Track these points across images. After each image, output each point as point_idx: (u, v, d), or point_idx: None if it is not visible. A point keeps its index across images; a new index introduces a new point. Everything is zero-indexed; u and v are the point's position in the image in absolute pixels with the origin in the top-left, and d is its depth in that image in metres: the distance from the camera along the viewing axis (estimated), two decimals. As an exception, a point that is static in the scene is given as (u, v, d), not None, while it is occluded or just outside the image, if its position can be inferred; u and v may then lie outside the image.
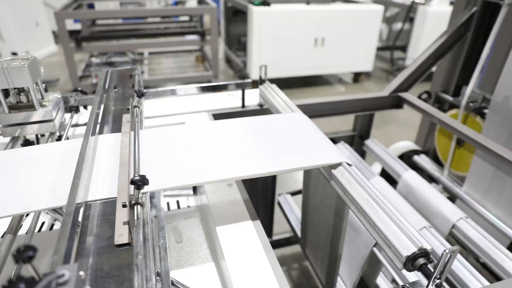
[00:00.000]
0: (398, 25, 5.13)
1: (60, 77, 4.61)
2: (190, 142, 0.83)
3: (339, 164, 0.77)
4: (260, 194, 1.56)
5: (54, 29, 5.84)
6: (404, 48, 5.10)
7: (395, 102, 1.54)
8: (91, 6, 5.38)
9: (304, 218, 1.19)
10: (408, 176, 1.42)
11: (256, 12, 3.75)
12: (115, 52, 4.49)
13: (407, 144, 1.84)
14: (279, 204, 1.74)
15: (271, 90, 1.16)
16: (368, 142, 1.67)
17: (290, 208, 1.67)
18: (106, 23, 5.37)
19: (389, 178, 1.56)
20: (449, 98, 1.77)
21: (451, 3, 4.32)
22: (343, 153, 0.81)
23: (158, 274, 0.60)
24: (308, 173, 1.07)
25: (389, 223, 0.63)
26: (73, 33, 4.48)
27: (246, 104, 1.28)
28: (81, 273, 0.37)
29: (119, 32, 4.73)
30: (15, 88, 0.92)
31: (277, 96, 1.12)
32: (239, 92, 1.33)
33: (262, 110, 1.28)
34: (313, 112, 1.36)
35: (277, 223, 1.81)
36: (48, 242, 0.86)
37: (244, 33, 4.34)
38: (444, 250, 0.51)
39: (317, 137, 0.88)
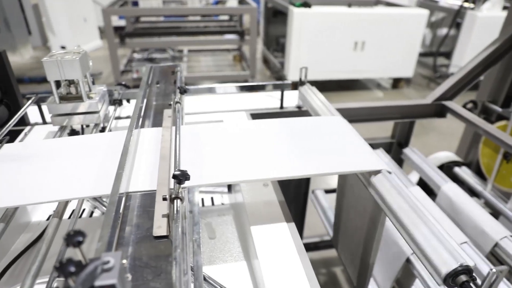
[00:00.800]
0: (443, 31, 4.94)
1: (103, 71, 4.80)
2: (228, 140, 0.84)
3: (379, 171, 0.75)
4: (292, 193, 1.55)
5: (100, 25, 6.10)
6: (448, 55, 4.91)
7: (438, 110, 1.48)
8: (135, 3, 5.56)
9: (337, 219, 1.17)
10: (449, 188, 1.37)
11: (297, 14, 3.73)
12: (156, 49, 4.61)
13: (447, 155, 1.77)
14: (312, 200, 1.72)
15: (310, 92, 1.15)
16: (406, 150, 1.62)
17: (323, 205, 1.64)
18: (149, 20, 5.52)
19: (427, 188, 1.51)
20: (498, 109, 1.68)
21: (505, 7, 4.10)
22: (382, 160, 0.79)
23: (191, 269, 0.61)
24: (343, 177, 1.05)
25: (428, 235, 0.61)
26: (117, 29, 4.65)
27: (284, 105, 1.28)
28: (124, 261, 0.38)
29: (160, 30, 4.85)
30: (66, 80, 0.97)
31: (316, 98, 1.11)
32: (278, 93, 1.33)
33: (300, 112, 1.27)
34: (351, 116, 1.34)
35: (306, 226, 1.79)
36: (88, 228, 0.89)
37: (283, 34, 4.33)
38: (491, 269, 0.48)
39: (356, 142, 0.86)
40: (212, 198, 1.00)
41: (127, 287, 0.40)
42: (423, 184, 1.60)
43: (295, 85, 1.28)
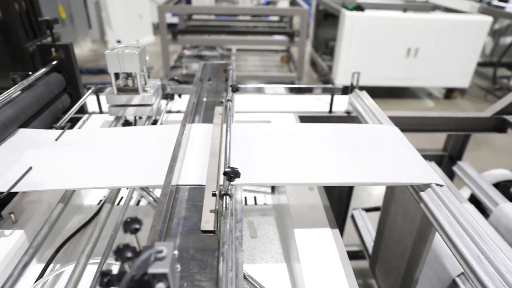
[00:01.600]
0: (507, 39, 4.65)
1: (154, 66, 4.98)
2: (276, 141, 0.84)
3: (431, 185, 0.72)
4: (334, 204, 1.53)
5: (153, 21, 6.34)
6: (510, 66, 4.61)
7: (498, 125, 1.39)
8: (188, 2, 5.72)
9: (379, 235, 1.14)
10: (506, 207, 1.28)
11: (349, 17, 3.67)
12: (206, 46, 4.71)
13: (504, 173, 1.66)
14: (352, 218, 1.69)
15: (362, 98, 1.12)
16: (459, 164, 1.54)
17: (364, 224, 1.60)
18: (201, 18, 5.66)
19: (478, 206, 1.42)
20: None
21: None
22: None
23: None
24: (391, 189, 1.02)
25: (484, 257, 0.57)
26: (170, 26, 4.80)
27: (333, 109, 1.26)
28: (175, 252, 0.39)
29: (211, 28, 4.96)
30: (124, 72, 1.01)
31: (368, 105, 1.08)
32: (326, 96, 1.31)
33: (349, 117, 1.24)
34: (402, 125, 1.29)
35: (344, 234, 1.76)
36: (135, 215, 0.93)
37: (332, 37, 4.27)
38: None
39: (409, 153, 0.83)
40: (255, 197, 1.01)
41: (176, 277, 0.41)
42: (475, 202, 1.51)
43: (346, 90, 1.26)
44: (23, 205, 0.80)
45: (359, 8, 3.77)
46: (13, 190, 0.71)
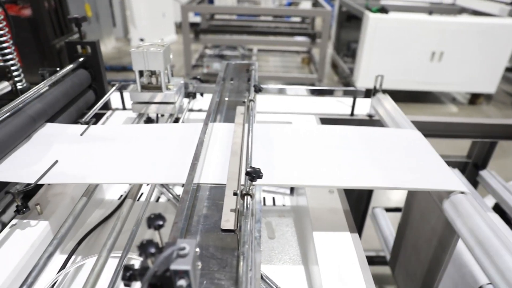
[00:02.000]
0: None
1: (176, 64, 5.04)
2: (297, 142, 0.84)
3: (455, 192, 0.70)
4: (352, 206, 1.51)
5: (176, 20, 6.41)
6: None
7: (526, 132, 1.35)
8: (211, 1, 5.76)
9: (399, 238, 1.12)
10: (531, 218, 1.24)
11: (372, 19, 3.62)
12: (227, 46, 4.74)
13: (531, 182, 1.60)
14: (372, 216, 1.66)
15: (385, 101, 1.11)
16: (484, 172, 1.49)
17: (384, 224, 1.57)
18: (223, 18, 5.69)
19: (503, 216, 1.38)
20: None
21: None
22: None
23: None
24: (412, 194, 1.00)
25: (509, 265, 0.56)
26: (192, 25, 4.85)
27: (354, 112, 1.25)
28: (197, 249, 0.39)
29: (233, 28, 4.98)
30: (148, 70, 1.03)
31: (391, 108, 1.06)
32: (348, 99, 1.29)
33: (371, 121, 1.23)
34: (425, 130, 1.26)
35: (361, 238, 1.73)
36: (154, 212, 0.94)
37: (355, 39, 4.22)
38: None
39: (432, 159, 0.81)
40: (273, 198, 1.00)
41: (197, 275, 0.42)
42: (499, 211, 1.46)
43: (369, 93, 1.24)
44: (48, 197, 0.82)
45: (383, 10, 3.72)
46: (39, 182, 0.73)
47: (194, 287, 0.38)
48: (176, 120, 1.08)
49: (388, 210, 1.70)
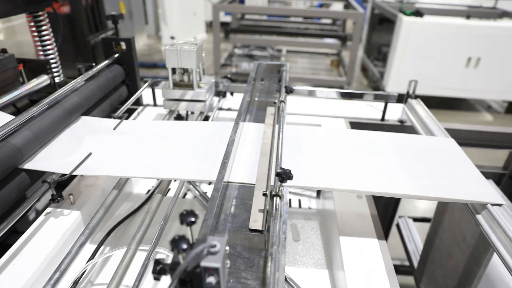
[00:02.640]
0: None
1: (205, 63, 5.08)
2: (327, 145, 0.83)
3: (491, 204, 0.67)
4: (379, 212, 1.48)
5: (206, 19, 6.48)
6: None
7: None
8: (242, 1, 5.79)
9: (427, 249, 1.08)
10: None
11: (406, 22, 3.53)
12: (257, 46, 4.75)
13: None
14: (397, 226, 1.62)
15: (418, 107, 1.08)
16: (520, 185, 1.43)
17: (410, 234, 1.54)
18: (253, 18, 5.71)
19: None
20: None
21: None
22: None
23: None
24: (444, 205, 0.97)
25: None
26: (223, 25, 4.89)
27: (385, 117, 1.22)
28: (227, 248, 0.40)
29: (263, 28, 4.98)
30: (181, 68, 1.04)
31: (424, 115, 1.03)
32: (378, 103, 1.27)
33: (402, 126, 1.20)
34: (459, 139, 1.22)
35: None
36: (180, 208, 0.95)
37: (386, 43, 4.14)
38: None
39: (466, 168, 0.78)
40: (299, 201, 1.00)
41: (226, 273, 0.42)
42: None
43: (401, 98, 1.21)
44: (80, 188, 0.84)
45: (418, 13, 3.62)
46: (74, 173, 0.75)
47: (222, 285, 0.38)
48: (206, 118, 1.10)
49: (415, 219, 1.66)
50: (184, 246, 0.36)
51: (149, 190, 1.04)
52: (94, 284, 0.72)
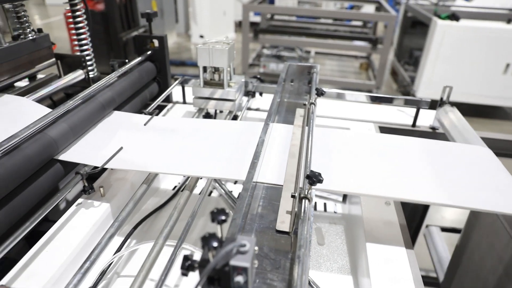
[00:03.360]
0: None
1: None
2: (356, 150, 0.81)
3: (530, 218, 0.64)
4: (406, 218, 1.44)
5: (236, 19, 6.52)
6: None
7: None
8: (272, 1, 5.78)
9: (456, 261, 1.05)
10: None
11: (441, 26, 3.43)
12: (285, 47, 4.73)
13: None
14: (425, 235, 1.58)
15: (452, 114, 1.04)
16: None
17: (439, 243, 1.49)
18: (282, 18, 5.70)
19: None
20: None
21: None
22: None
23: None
24: (476, 216, 0.93)
25: None
26: (252, 25, 4.91)
27: (416, 123, 1.19)
28: (256, 248, 0.40)
29: (292, 29, 4.96)
30: (212, 66, 1.05)
31: (458, 122, 1.00)
32: (409, 109, 1.24)
33: (434, 133, 1.16)
34: (495, 148, 1.17)
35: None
36: (206, 206, 0.96)
37: (418, 47, 4.03)
38: None
39: (502, 179, 0.75)
40: (325, 204, 0.99)
41: (253, 273, 0.42)
42: None
43: (435, 104, 1.18)
44: (110, 181, 0.87)
45: (454, 17, 3.51)
46: (105, 166, 0.77)
47: (250, 285, 0.38)
48: (234, 118, 1.10)
49: (444, 229, 1.61)
50: (215, 244, 0.36)
51: (175, 187, 1.05)
52: (120, 275, 0.74)
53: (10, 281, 0.61)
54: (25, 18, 1.02)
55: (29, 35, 1.04)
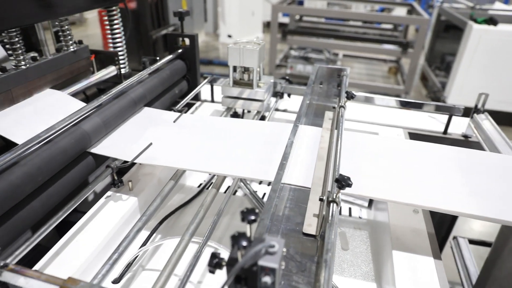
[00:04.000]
0: None
1: (260, 63, 5.12)
2: (384, 155, 0.80)
3: None
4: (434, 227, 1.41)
5: (264, 19, 6.53)
6: None
7: None
8: (301, 3, 5.75)
9: (484, 276, 1.01)
10: None
11: (476, 30, 3.31)
12: (313, 49, 4.70)
13: None
14: (452, 246, 1.53)
15: (487, 123, 1.01)
16: None
17: (467, 256, 1.44)
18: (311, 20, 5.66)
19: None
20: None
21: None
22: None
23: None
24: (509, 229, 0.90)
25: None
26: (280, 26, 4.90)
27: (448, 131, 1.15)
28: (284, 249, 0.39)
29: (320, 31, 4.92)
30: (242, 66, 1.06)
31: (493, 131, 0.96)
32: (440, 115, 1.20)
33: (466, 142, 1.13)
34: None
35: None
36: (230, 205, 0.96)
37: (451, 52, 3.92)
38: None
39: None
40: (350, 209, 0.97)
41: (280, 274, 0.42)
42: None
43: (468, 112, 1.14)
44: (138, 176, 0.88)
45: (491, 21, 3.37)
46: (135, 161, 0.79)
47: (277, 286, 0.38)
48: (262, 118, 1.10)
49: (472, 242, 1.55)
50: (244, 243, 0.37)
51: (200, 184, 1.07)
52: (145, 269, 0.76)
53: (42, 267, 0.63)
54: (68, 32, 1.06)
55: (71, 47, 1.08)
